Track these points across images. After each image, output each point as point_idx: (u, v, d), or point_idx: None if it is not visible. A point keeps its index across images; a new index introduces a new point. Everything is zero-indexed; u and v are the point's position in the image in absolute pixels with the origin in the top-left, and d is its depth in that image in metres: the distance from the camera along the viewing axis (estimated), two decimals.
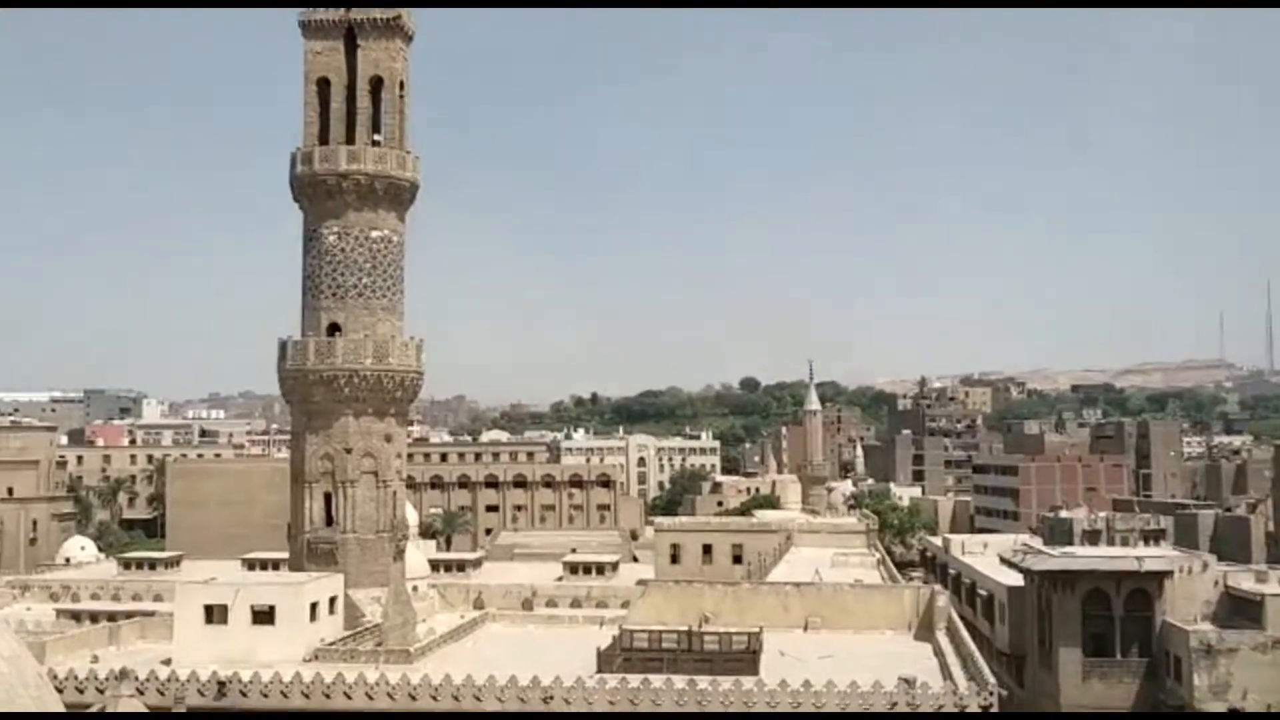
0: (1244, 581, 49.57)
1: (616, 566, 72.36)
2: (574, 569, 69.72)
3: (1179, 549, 61.31)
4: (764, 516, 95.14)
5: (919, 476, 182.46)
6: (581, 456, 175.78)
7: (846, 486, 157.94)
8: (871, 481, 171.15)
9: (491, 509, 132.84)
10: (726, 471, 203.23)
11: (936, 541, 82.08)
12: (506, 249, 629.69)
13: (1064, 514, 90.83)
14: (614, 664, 37.10)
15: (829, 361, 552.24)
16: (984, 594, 60.57)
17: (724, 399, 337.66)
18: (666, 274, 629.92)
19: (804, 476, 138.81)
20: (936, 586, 50.13)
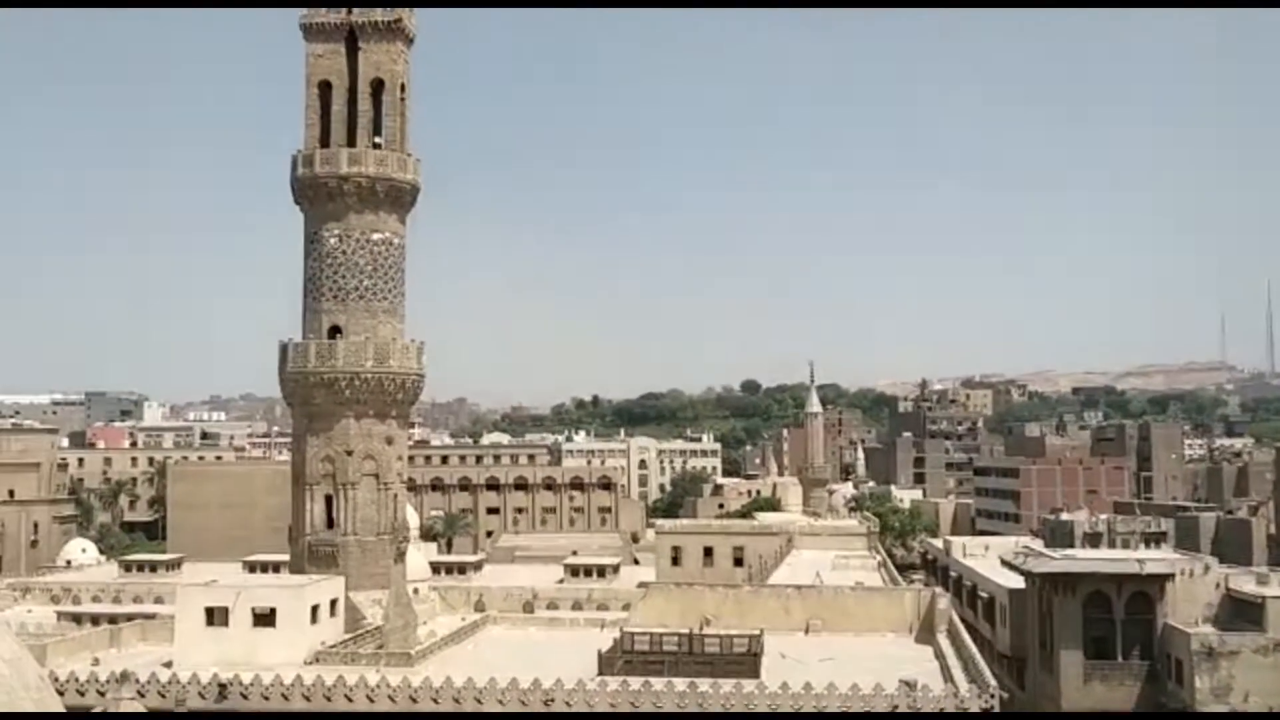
0: (1245, 584, 49.50)
1: (617, 569, 72.39)
2: (575, 571, 69.73)
3: (1180, 552, 61.27)
4: (765, 519, 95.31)
5: (920, 479, 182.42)
6: (582, 459, 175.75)
7: (847, 489, 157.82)
8: (872, 484, 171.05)
9: (492, 511, 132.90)
10: (727, 474, 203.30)
11: (937, 544, 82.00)
12: (507, 251, 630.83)
13: (1065, 516, 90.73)
14: (615, 666, 37.10)
15: (830, 363, 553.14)
16: (985, 596, 60.53)
17: (725, 401, 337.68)
18: (667, 276, 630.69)
19: (805, 479, 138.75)
20: (937, 589, 50.15)
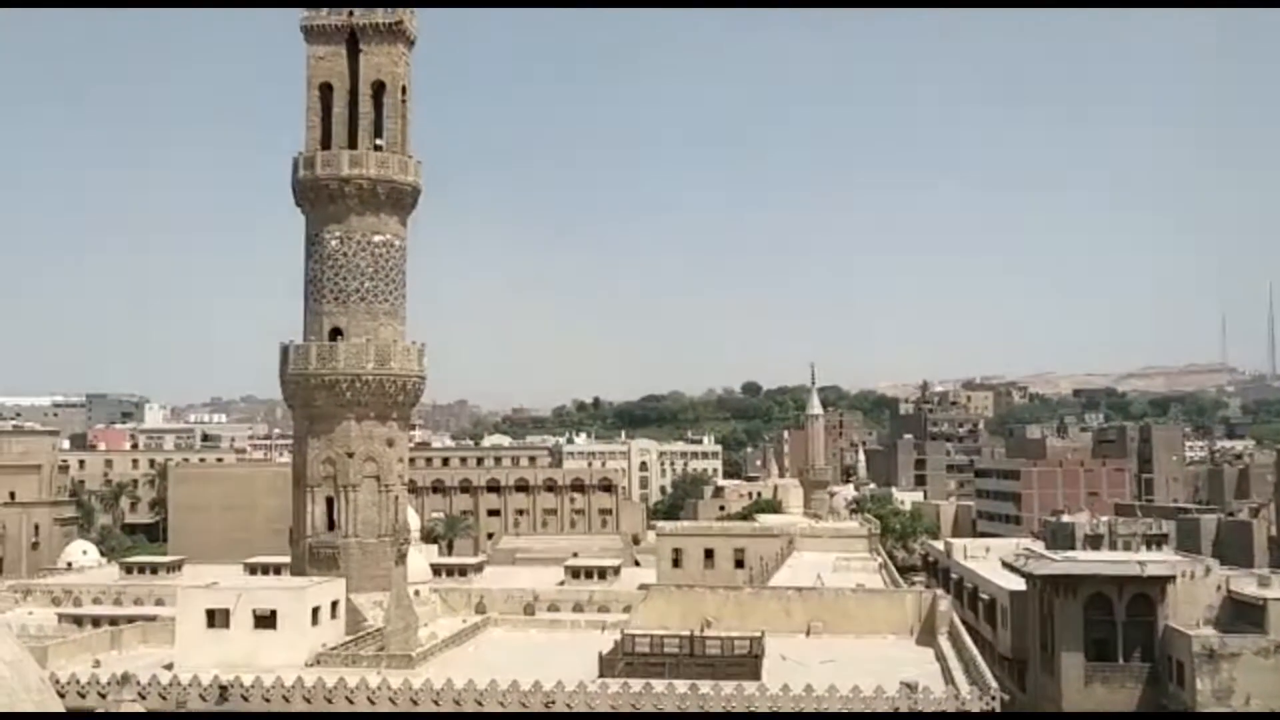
0: (1246, 586, 49.47)
1: (618, 571, 72.34)
2: (576, 573, 69.71)
3: (1181, 554, 61.23)
4: (766, 521, 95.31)
5: (921, 481, 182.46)
6: (583, 461, 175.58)
7: (848, 491, 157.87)
8: (873, 486, 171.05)
9: (493, 513, 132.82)
10: (728, 476, 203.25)
11: (938, 546, 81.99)
12: (508, 253, 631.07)
13: (1066, 518, 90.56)
14: (616, 669, 37.07)
15: (831, 365, 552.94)
16: (986, 598, 60.50)
17: (726, 403, 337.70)
18: (668, 278, 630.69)
19: (806, 481, 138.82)
20: (938, 591, 50.08)
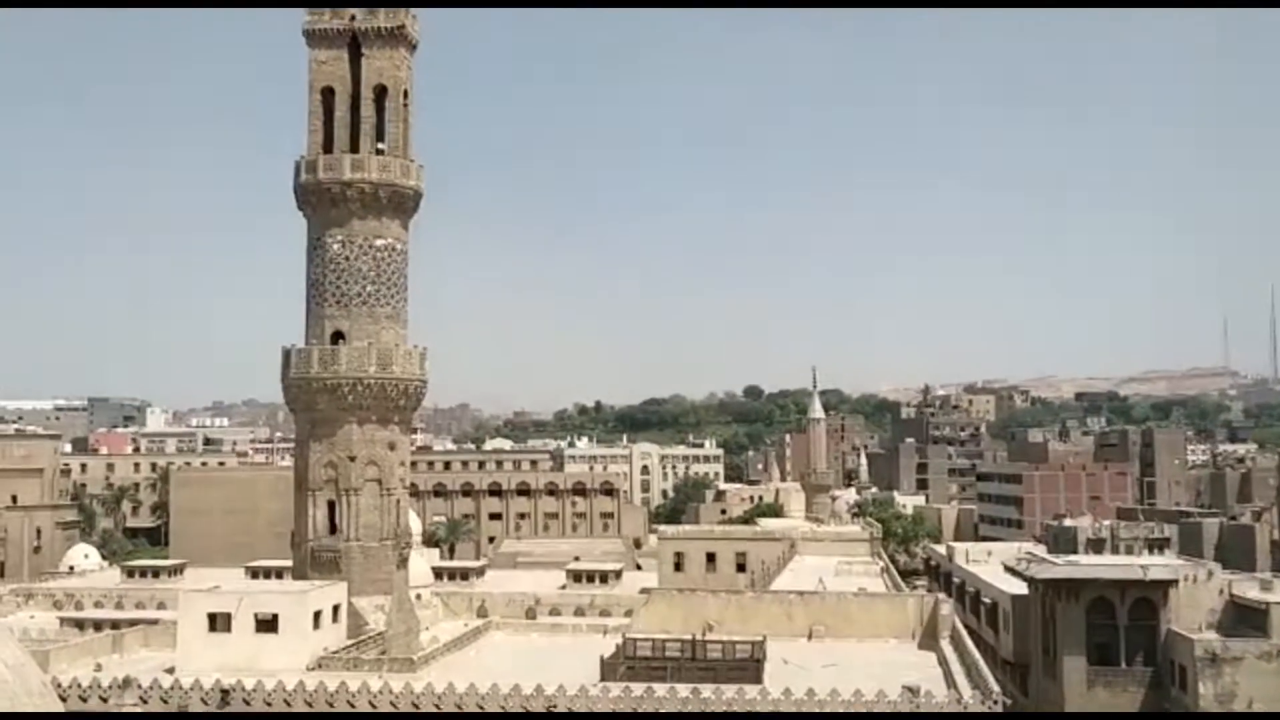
0: (1249, 590, 49.48)
1: (620, 575, 72.32)
2: (577, 577, 69.71)
3: (1184, 557, 61.28)
4: (767, 525, 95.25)
5: (923, 485, 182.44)
6: (585, 465, 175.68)
7: (850, 495, 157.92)
8: (875, 490, 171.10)
9: (495, 517, 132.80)
10: (730, 480, 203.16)
11: (940, 550, 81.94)
12: (510, 257, 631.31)
13: (1068, 522, 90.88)
14: (617, 672, 37.02)
15: (832, 369, 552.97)
16: (988, 602, 60.46)
17: (727, 407, 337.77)
18: (669, 280, 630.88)
19: (807, 485, 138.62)
20: (940, 595, 50.00)
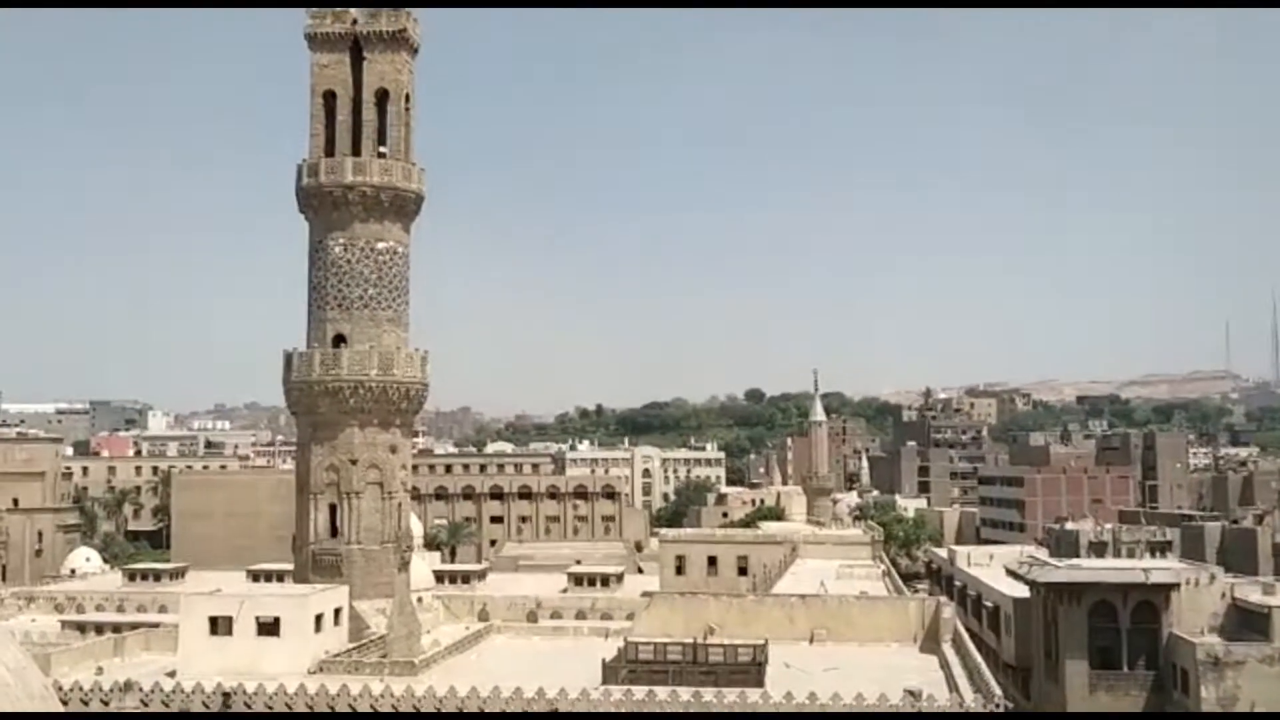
0: (1251, 594, 49.43)
1: (621, 578, 72.23)
2: (579, 580, 69.63)
3: (1185, 561, 61.21)
4: (769, 528, 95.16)
5: (924, 488, 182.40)
6: (586, 468, 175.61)
7: (852, 498, 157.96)
8: (877, 493, 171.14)
9: (496, 520, 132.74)
10: (731, 483, 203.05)
11: (942, 553, 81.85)
12: (511, 260, 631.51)
13: (1070, 525, 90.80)
14: (619, 676, 37.00)
15: (834, 372, 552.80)
16: (990, 606, 60.39)
17: (729, 410, 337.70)
18: (671, 285, 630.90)
19: (809, 488, 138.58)
20: (942, 598, 49.93)
